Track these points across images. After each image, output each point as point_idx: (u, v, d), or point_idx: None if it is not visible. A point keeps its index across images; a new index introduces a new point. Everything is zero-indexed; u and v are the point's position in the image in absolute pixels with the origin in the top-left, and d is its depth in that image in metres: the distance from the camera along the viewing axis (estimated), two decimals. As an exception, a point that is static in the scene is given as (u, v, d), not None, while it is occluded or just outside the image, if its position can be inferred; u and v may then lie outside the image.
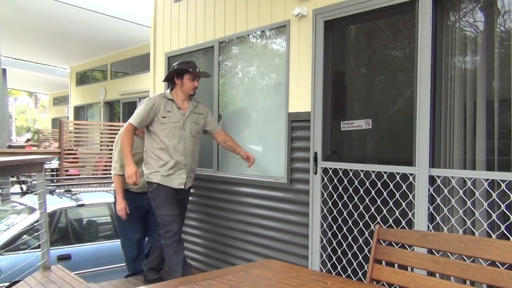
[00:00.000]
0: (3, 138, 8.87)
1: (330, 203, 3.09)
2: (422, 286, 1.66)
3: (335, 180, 3.05)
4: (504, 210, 2.25)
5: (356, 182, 2.90)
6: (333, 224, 3.09)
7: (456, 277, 1.64)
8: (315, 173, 3.12)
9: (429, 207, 2.54)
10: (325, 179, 3.09)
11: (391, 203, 2.71)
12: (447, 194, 2.49)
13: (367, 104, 3.22)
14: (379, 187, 2.76)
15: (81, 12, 10.23)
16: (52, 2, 9.59)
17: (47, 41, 13.28)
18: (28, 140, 21.06)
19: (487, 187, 2.31)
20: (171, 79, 3.54)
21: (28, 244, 4.79)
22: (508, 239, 2.24)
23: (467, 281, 1.62)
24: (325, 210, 3.10)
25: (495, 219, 2.29)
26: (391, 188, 2.70)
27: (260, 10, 3.63)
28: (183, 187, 3.52)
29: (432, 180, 2.54)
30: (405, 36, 2.90)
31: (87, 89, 16.56)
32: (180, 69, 3.49)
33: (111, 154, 11.01)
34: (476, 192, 2.36)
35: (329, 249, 3.11)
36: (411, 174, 2.61)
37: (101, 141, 11.63)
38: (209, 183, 4.13)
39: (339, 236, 3.04)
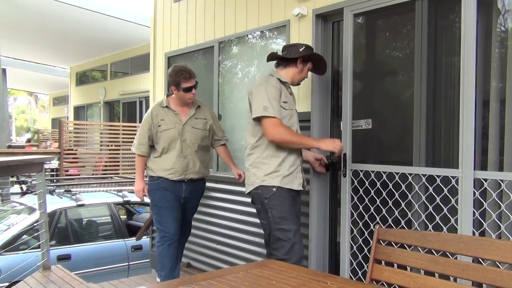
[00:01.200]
0: (2, 138, 8.87)
1: (361, 207, 2.87)
2: (422, 286, 1.65)
3: (367, 183, 2.83)
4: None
5: (390, 185, 2.69)
6: (364, 230, 2.91)
7: (456, 277, 1.64)
8: (344, 175, 2.91)
9: (474, 213, 2.35)
10: (355, 182, 2.89)
11: (430, 208, 2.54)
12: (495, 198, 2.31)
13: (393, 102, 3.06)
14: (416, 191, 2.59)
15: (81, 12, 10.23)
16: (52, 2, 9.59)
17: (47, 41, 13.28)
18: (29, 140, 21.04)
19: None
20: (291, 60, 2.86)
21: (28, 244, 4.80)
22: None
23: (467, 281, 1.62)
24: (355, 215, 2.89)
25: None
26: (431, 192, 2.53)
27: (260, 10, 3.63)
28: (302, 188, 2.87)
29: (477, 183, 2.35)
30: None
31: (87, 89, 16.56)
32: (316, 56, 2.93)
33: (111, 154, 11.06)
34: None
35: (360, 256, 2.91)
36: (453, 177, 2.41)
37: (101, 141, 11.63)
38: (209, 183, 4.13)
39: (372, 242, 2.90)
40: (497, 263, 1.62)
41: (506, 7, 2.37)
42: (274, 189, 2.69)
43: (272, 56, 2.91)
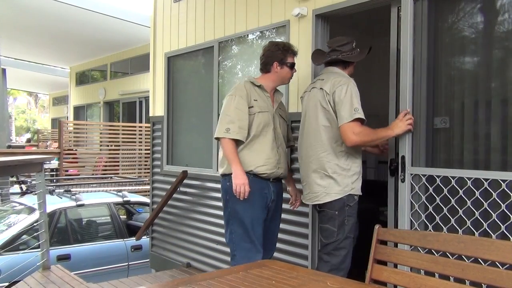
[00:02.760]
0: (2, 138, 8.87)
1: (424, 216, 2.54)
2: (422, 286, 1.65)
3: (430, 189, 2.50)
4: None
5: (461, 191, 2.36)
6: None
7: (456, 277, 1.64)
8: (402, 181, 2.58)
9: None
10: (416, 188, 2.55)
11: (494, 216, 2.23)
12: None
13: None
14: (494, 199, 2.23)
15: (81, 12, 10.23)
16: (52, 2, 9.59)
17: (47, 41, 13.28)
18: (28, 140, 21.04)
19: None
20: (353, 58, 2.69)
21: (28, 244, 4.80)
22: None
23: (467, 281, 1.62)
24: (416, 225, 2.57)
25: None
26: (495, 198, 2.22)
27: (260, 10, 3.63)
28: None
29: None
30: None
31: (87, 89, 16.56)
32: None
33: (110, 154, 11.06)
34: None
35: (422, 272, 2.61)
36: None
37: (100, 141, 11.63)
38: (209, 183, 4.13)
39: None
40: (497, 263, 1.61)
41: None
42: (356, 197, 2.58)
43: (335, 60, 2.67)
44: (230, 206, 2.71)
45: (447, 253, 1.74)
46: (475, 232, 2.30)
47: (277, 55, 2.76)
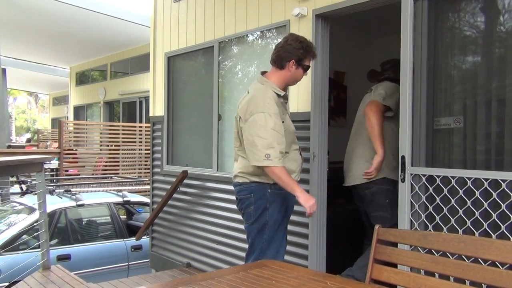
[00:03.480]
0: (2, 138, 8.87)
1: (424, 216, 2.55)
2: (422, 286, 1.65)
3: (431, 189, 2.50)
4: None
5: (461, 192, 2.36)
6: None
7: (456, 277, 1.64)
8: (403, 181, 2.60)
9: None
10: (416, 188, 2.56)
11: (494, 215, 2.22)
12: None
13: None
14: (494, 199, 2.23)
15: (81, 12, 10.23)
16: (52, 2, 9.60)
17: (47, 41, 13.28)
18: (29, 140, 21.03)
19: None
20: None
21: (28, 244, 4.80)
22: None
23: (467, 281, 1.62)
24: (416, 225, 2.58)
25: None
26: (494, 198, 2.21)
27: (260, 10, 3.63)
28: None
29: None
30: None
31: (87, 89, 16.56)
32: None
33: (111, 154, 11.06)
34: None
35: (422, 272, 2.63)
36: None
37: (100, 141, 11.63)
38: (209, 183, 4.13)
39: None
40: (497, 263, 1.61)
41: None
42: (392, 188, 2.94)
43: (387, 78, 3.19)
44: (268, 214, 2.60)
45: (447, 253, 1.74)
46: (475, 232, 2.31)
47: (298, 53, 2.59)
